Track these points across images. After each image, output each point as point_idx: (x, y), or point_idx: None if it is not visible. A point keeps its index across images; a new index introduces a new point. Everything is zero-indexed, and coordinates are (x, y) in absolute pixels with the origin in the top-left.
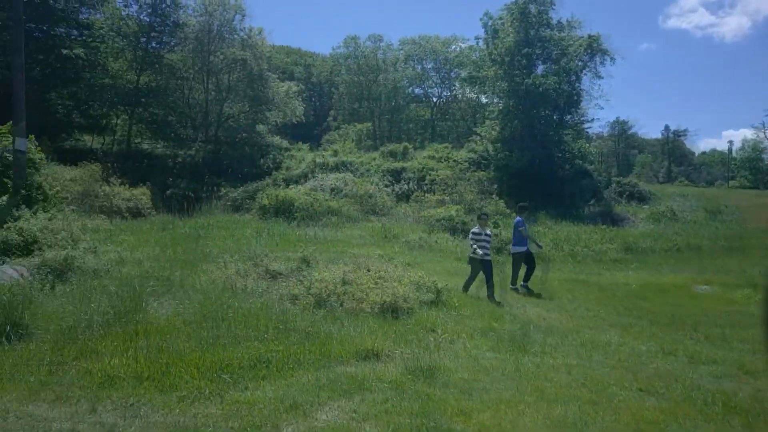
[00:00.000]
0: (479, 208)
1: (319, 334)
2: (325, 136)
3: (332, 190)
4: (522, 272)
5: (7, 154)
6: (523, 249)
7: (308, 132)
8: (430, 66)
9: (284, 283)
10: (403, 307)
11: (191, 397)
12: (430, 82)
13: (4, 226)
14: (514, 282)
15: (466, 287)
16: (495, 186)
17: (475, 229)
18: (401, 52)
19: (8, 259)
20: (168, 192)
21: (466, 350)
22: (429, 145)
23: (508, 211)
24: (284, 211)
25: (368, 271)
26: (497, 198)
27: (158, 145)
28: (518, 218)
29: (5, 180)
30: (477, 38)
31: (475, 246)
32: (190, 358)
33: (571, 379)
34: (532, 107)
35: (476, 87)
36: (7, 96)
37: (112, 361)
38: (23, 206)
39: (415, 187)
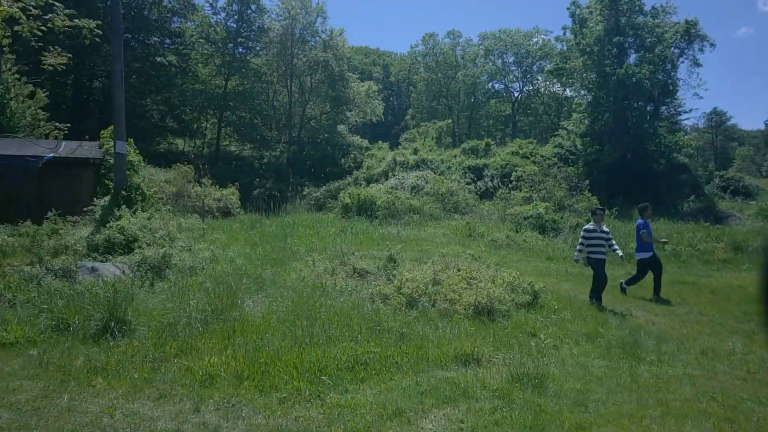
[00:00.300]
0: (570, 206)
1: (413, 335)
2: (404, 135)
3: (413, 188)
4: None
5: (109, 157)
6: (648, 255)
7: (386, 131)
8: (510, 60)
9: (374, 283)
10: (499, 309)
11: (291, 399)
12: (511, 76)
13: (107, 225)
14: (627, 284)
15: (597, 297)
16: (587, 182)
17: (589, 226)
18: (481, 47)
19: (111, 257)
20: (255, 192)
21: (573, 357)
22: (511, 141)
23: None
24: (366, 209)
25: (458, 271)
26: (589, 194)
27: (245, 147)
28: (640, 221)
29: (106, 181)
30: (564, 28)
31: (580, 247)
32: (287, 357)
33: (698, 391)
34: (623, 99)
35: (562, 79)
36: (107, 102)
37: (212, 359)
38: (123, 206)
39: (499, 184)
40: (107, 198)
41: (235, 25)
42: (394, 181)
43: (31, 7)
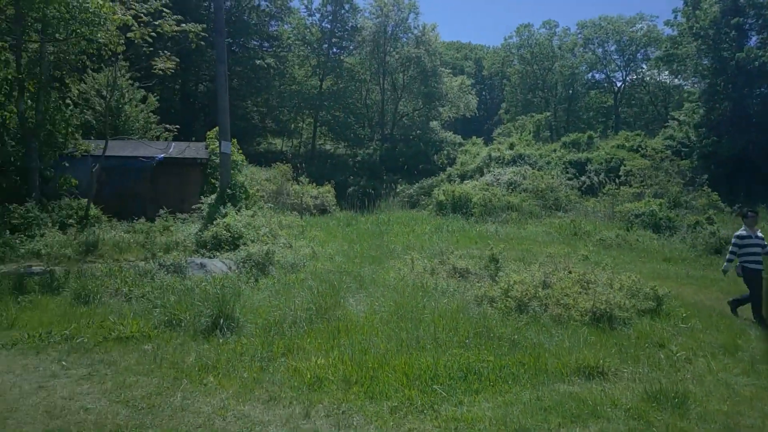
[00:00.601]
0: (686, 202)
1: (526, 343)
2: (497, 130)
3: (509, 184)
4: None
5: (214, 157)
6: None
7: (479, 126)
8: (612, 48)
9: (479, 284)
10: (620, 316)
11: (403, 409)
12: (613, 65)
13: (214, 222)
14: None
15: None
16: (705, 177)
17: (742, 231)
18: (579, 36)
19: (218, 253)
20: (349, 189)
21: (712, 373)
22: (614, 133)
23: (723, 204)
24: (461, 206)
25: (570, 273)
26: (708, 190)
27: (339, 146)
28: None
29: (212, 180)
30: (675, 11)
31: (730, 256)
32: (395, 362)
33: None
34: (744, 85)
35: (672, 66)
36: (211, 105)
37: (319, 361)
38: (229, 204)
39: (605, 179)
40: (213, 196)
41: (329, 26)
42: (489, 177)
43: (142, 14)
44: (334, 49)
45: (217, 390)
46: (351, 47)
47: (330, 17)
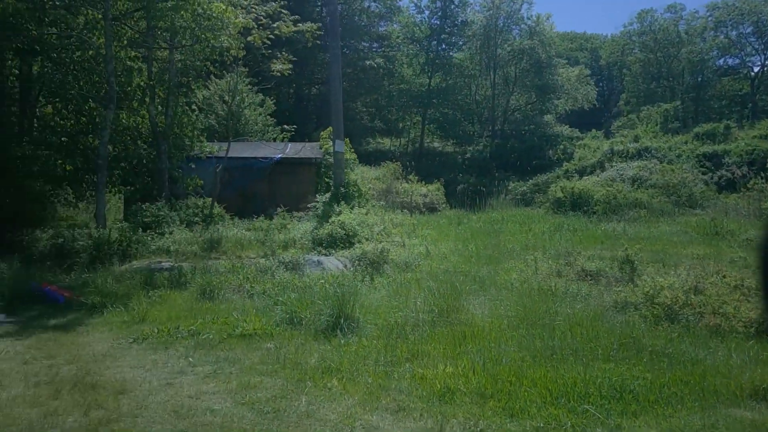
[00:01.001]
0: None
1: (683, 358)
2: (616, 122)
3: (634, 180)
4: None
5: (328, 156)
6: None
7: (595, 119)
8: (747, 31)
9: (617, 288)
10: None
11: (550, 431)
12: (749, 49)
13: (329, 220)
14: None
15: None
16: None
17: None
18: (710, 19)
19: (333, 251)
20: (459, 187)
21: None
22: (752, 123)
23: None
24: (581, 204)
25: (724, 277)
26: None
27: (448, 143)
28: None
29: (326, 179)
30: None
31: None
32: (533, 375)
33: None
34: None
35: None
36: (323, 107)
37: (447, 369)
38: (342, 202)
39: (748, 173)
40: (327, 194)
41: (438, 22)
42: (611, 173)
43: (261, 17)
44: (443, 46)
45: (341, 395)
46: (460, 42)
47: (439, 13)
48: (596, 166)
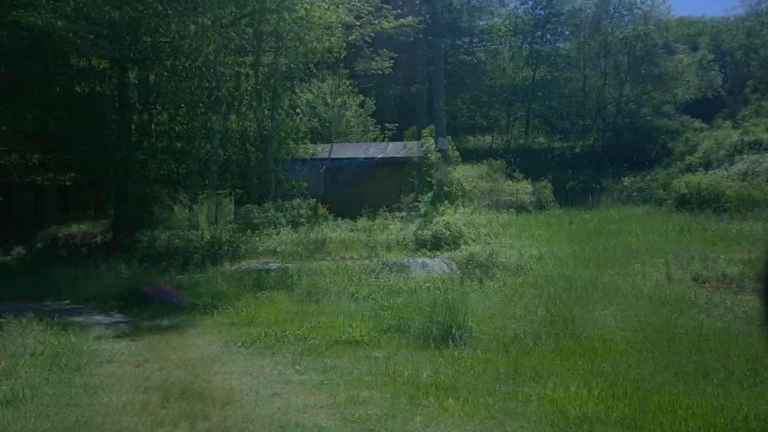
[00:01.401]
0: None
1: None
2: (743, 111)
3: None
4: None
5: (429, 155)
6: None
7: (714, 109)
8: None
9: None
10: None
11: None
12: None
13: (433, 221)
14: None
15: None
16: None
17: None
18: None
19: (438, 253)
20: (568, 184)
21: None
22: None
23: None
24: (709, 200)
25: None
26: None
27: (554, 138)
28: None
29: (428, 178)
30: None
31: None
32: (688, 402)
33: None
34: None
35: None
36: (423, 105)
37: (580, 391)
38: (446, 201)
39: None
40: (430, 194)
41: (542, 12)
42: (742, 166)
43: (363, 14)
44: (548, 36)
45: (461, 419)
46: (567, 32)
47: (543, 3)
48: (724, 158)
